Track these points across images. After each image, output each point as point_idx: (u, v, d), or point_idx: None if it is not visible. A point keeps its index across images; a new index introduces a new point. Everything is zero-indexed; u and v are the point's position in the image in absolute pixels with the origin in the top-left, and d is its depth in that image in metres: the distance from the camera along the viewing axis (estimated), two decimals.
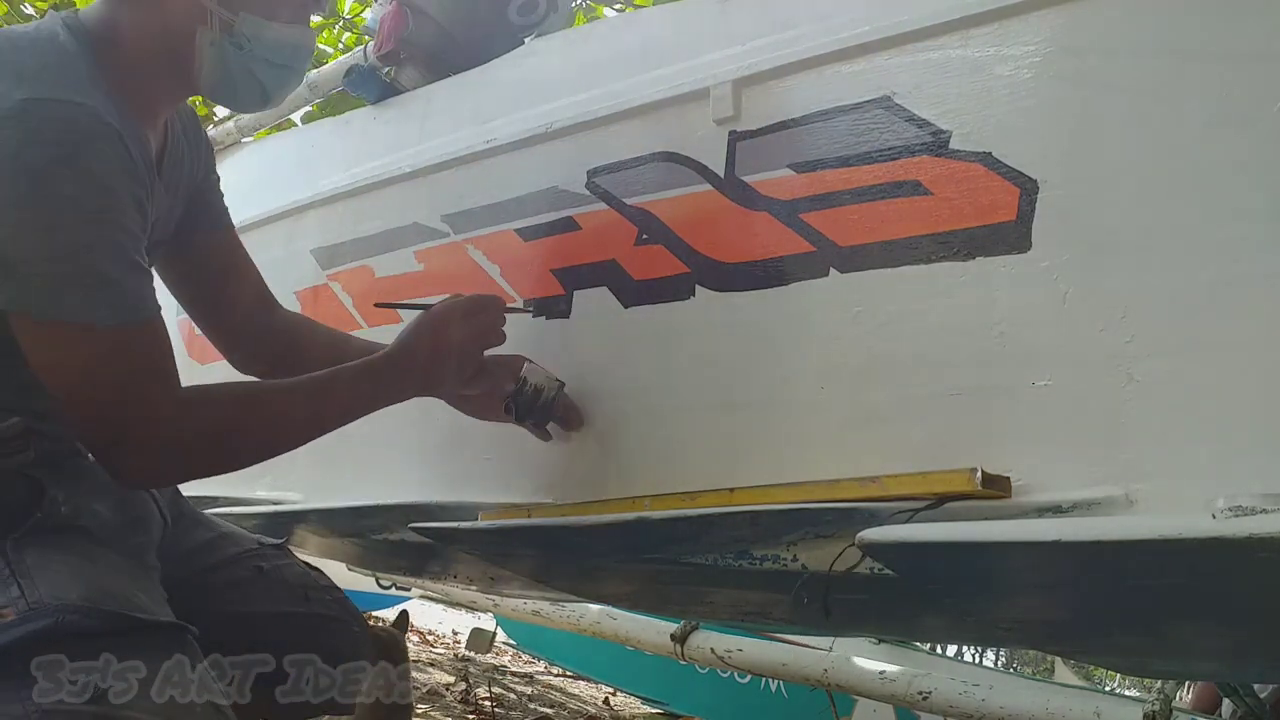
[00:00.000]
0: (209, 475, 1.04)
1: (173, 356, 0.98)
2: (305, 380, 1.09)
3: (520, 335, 1.35)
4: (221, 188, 1.28)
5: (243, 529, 1.33)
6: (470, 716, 3.14)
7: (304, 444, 1.08)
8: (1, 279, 0.89)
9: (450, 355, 1.15)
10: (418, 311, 1.19)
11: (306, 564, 1.31)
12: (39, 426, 0.98)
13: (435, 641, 5.38)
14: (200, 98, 1.16)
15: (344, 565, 2.38)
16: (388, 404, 1.15)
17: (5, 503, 0.94)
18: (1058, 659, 4.39)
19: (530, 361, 1.24)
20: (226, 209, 1.28)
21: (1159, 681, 1.73)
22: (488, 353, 1.21)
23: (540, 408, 1.23)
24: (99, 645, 0.83)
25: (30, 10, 3.60)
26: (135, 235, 0.95)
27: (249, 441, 1.04)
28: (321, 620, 1.22)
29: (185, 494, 1.29)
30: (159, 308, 0.97)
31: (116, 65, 0.99)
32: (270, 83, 1.09)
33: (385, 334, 1.49)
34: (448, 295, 1.22)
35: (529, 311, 1.30)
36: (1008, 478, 0.92)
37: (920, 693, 1.83)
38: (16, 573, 0.88)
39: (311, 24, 1.13)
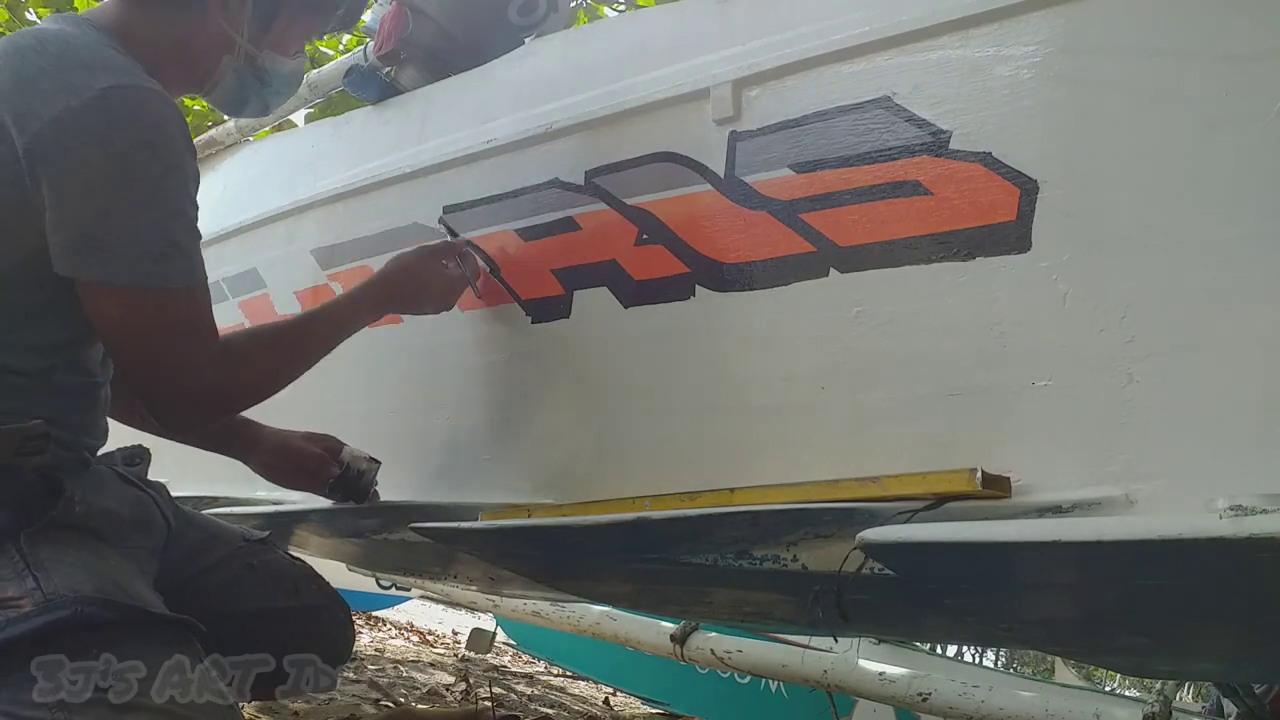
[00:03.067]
0: (254, 404, 1.19)
1: (213, 315, 1.11)
2: (306, 314, 1.29)
3: (521, 336, 1.35)
4: None
5: (228, 524, 1.37)
6: None
7: (316, 362, 1.24)
8: (86, 255, 0.97)
9: (410, 303, 1.34)
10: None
11: (291, 555, 1.38)
12: (57, 432, 1.02)
13: (435, 641, 5.38)
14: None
15: (344, 565, 2.38)
16: (376, 317, 1.32)
17: (22, 499, 0.97)
18: (1058, 659, 4.39)
19: (348, 446, 1.40)
20: None
21: (1159, 682, 1.73)
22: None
23: (362, 489, 1.40)
24: (114, 638, 0.86)
25: (33, 16, 3.60)
26: (196, 205, 1.07)
27: (278, 374, 1.18)
28: (311, 610, 1.30)
29: (184, 492, 1.30)
30: (206, 279, 1.10)
31: (139, 53, 1.07)
32: (273, 104, 1.26)
33: (385, 334, 1.49)
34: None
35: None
36: (1008, 478, 0.92)
37: (920, 694, 1.83)
38: (32, 565, 0.91)
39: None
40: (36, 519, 0.96)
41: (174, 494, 1.27)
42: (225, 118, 2.23)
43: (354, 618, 1.43)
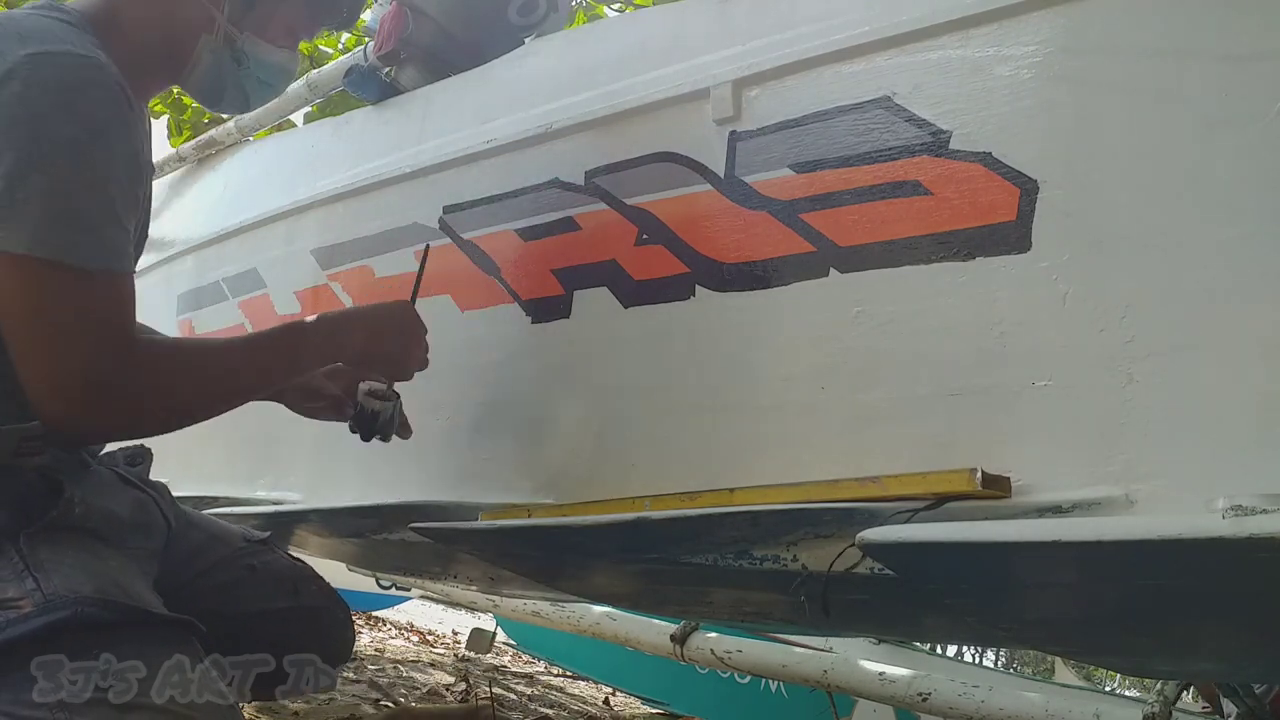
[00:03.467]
0: (156, 430, 1.02)
1: (133, 316, 0.98)
2: (255, 333, 1.16)
3: (521, 336, 1.35)
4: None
5: (228, 524, 1.36)
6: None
7: (254, 394, 1.11)
8: None
9: (407, 345, 1.21)
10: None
11: (291, 556, 1.36)
12: (55, 435, 0.99)
13: (435, 641, 5.38)
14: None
15: (344, 565, 2.38)
16: (330, 359, 1.21)
17: (22, 499, 0.96)
18: (1058, 659, 4.39)
19: (368, 384, 1.29)
20: None
21: (1159, 682, 1.73)
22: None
23: (381, 426, 1.28)
24: (114, 638, 0.85)
25: None
26: (124, 185, 0.96)
27: (202, 391, 1.04)
28: (311, 610, 1.28)
29: (185, 492, 1.30)
30: (130, 270, 0.98)
31: (116, 49, 1.01)
32: (253, 96, 1.18)
33: None
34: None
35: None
36: (1008, 478, 0.92)
37: (920, 694, 1.83)
38: (31, 566, 0.90)
39: (302, 47, 1.20)
40: (36, 520, 0.94)
41: (175, 494, 1.27)
42: (225, 118, 2.23)
43: (354, 618, 1.43)
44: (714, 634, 2.21)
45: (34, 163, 0.88)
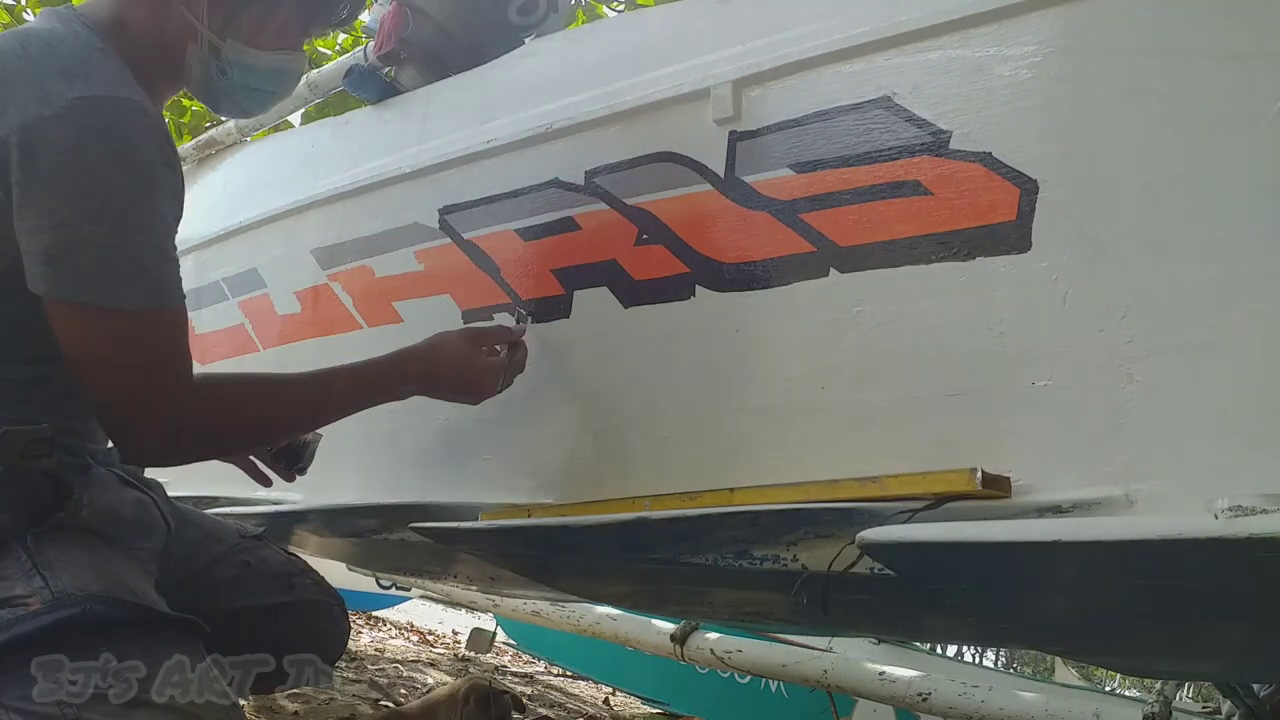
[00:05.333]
0: (210, 458, 1.11)
1: (188, 346, 1.04)
2: (315, 373, 1.17)
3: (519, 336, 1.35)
4: None
5: (222, 520, 1.37)
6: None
7: (311, 429, 1.19)
8: (47, 269, 0.93)
9: (471, 378, 1.23)
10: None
11: (285, 550, 1.38)
12: (62, 438, 1.01)
13: (435, 641, 5.38)
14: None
15: (344, 565, 2.38)
16: (393, 398, 1.22)
17: (29, 501, 0.97)
18: (1058, 659, 4.39)
19: None
20: None
21: (1159, 682, 1.73)
22: None
23: (308, 458, 1.36)
24: (118, 637, 0.86)
25: (30, 18, 3.60)
26: (170, 225, 1.01)
27: (250, 430, 1.13)
28: (307, 605, 1.30)
29: (185, 492, 1.31)
30: (183, 297, 1.03)
31: (129, 59, 1.02)
32: (249, 104, 1.17)
33: (384, 334, 1.49)
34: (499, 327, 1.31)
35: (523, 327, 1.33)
36: (1008, 478, 0.92)
37: (920, 694, 1.83)
38: (39, 565, 0.91)
39: (305, 46, 1.17)
40: (43, 521, 0.96)
41: (175, 494, 1.27)
42: (224, 118, 2.23)
43: (354, 618, 1.44)
44: (714, 634, 2.21)
45: (88, 213, 0.92)
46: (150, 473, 1.25)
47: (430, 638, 5.52)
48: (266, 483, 1.39)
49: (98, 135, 0.93)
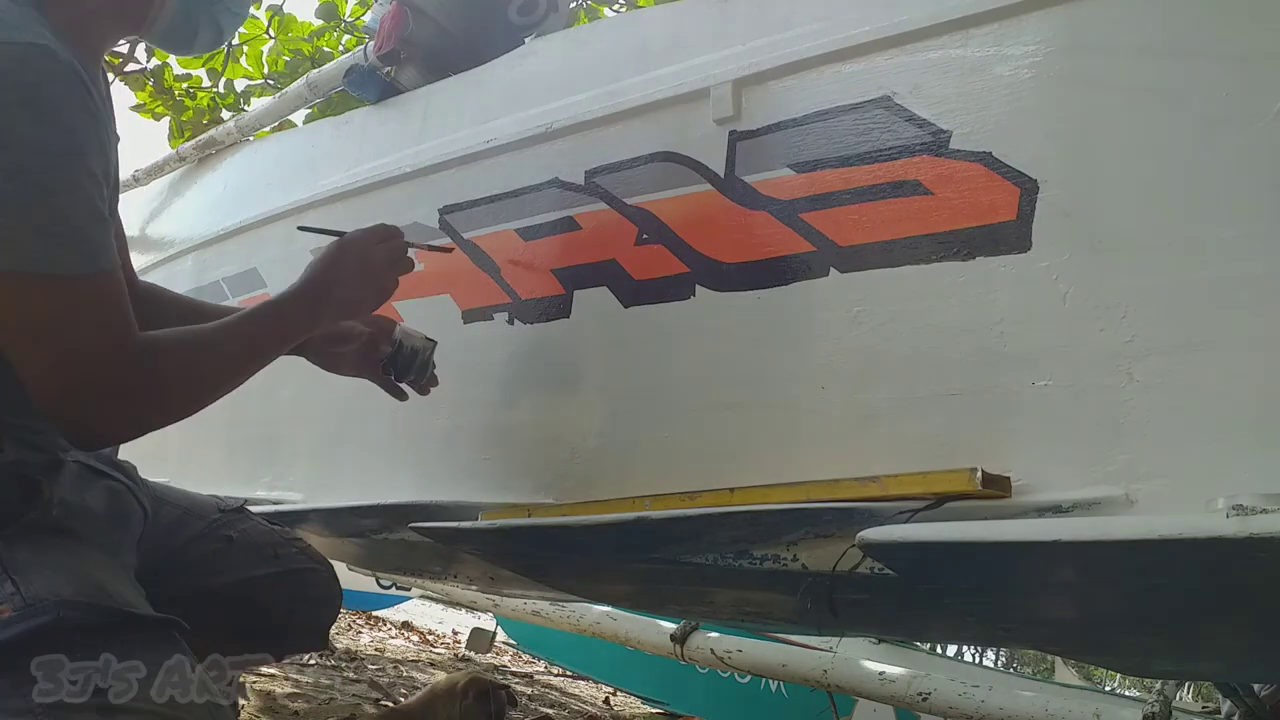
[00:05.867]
0: (167, 422, 1.00)
1: (127, 310, 0.94)
2: (240, 316, 1.08)
3: (521, 336, 1.35)
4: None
5: (200, 495, 1.33)
6: None
7: (249, 376, 1.07)
8: None
9: (373, 277, 1.15)
10: (331, 237, 1.19)
11: (268, 521, 1.34)
12: (30, 434, 0.98)
13: (435, 641, 5.38)
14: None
15: (344, 565, 2.38)
16: (316, 326, 1.16)
17: None
18: (1058, 659, 4.39)
19: (402, 324, 1.30)
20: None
21: (1159, 682, 1.73)
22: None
23: (419, 367, 1.28)
24: (97, 641, 0.84)
25: None
26: (98, 180, 0.92)
27: (204, 382, 1.02)
28: (294, 574, 1.27)
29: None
30: (117, 265, 0.94)
31: (61, 12, 0.96)
32: (227, 27, 1.14)
33: None
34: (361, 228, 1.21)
35: (448, 251, 1.33)
36: (1008, 478, 0.92)
37: (920, 693, 1.83)
38: (9, 569, 0.88)
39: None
40: (12, 523, 0.93)
41: None
42: (225, 117, 2.23)
43: (355, 618, 1.43)
44: (714, 634, 2.21)
45: (5, 172, 0.84)
46: (154, 473, 1.25)
47: (430, 638, 5.52)
48: (402, 396, 1.32)
49: (3, 85, 0.84)
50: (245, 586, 1.21)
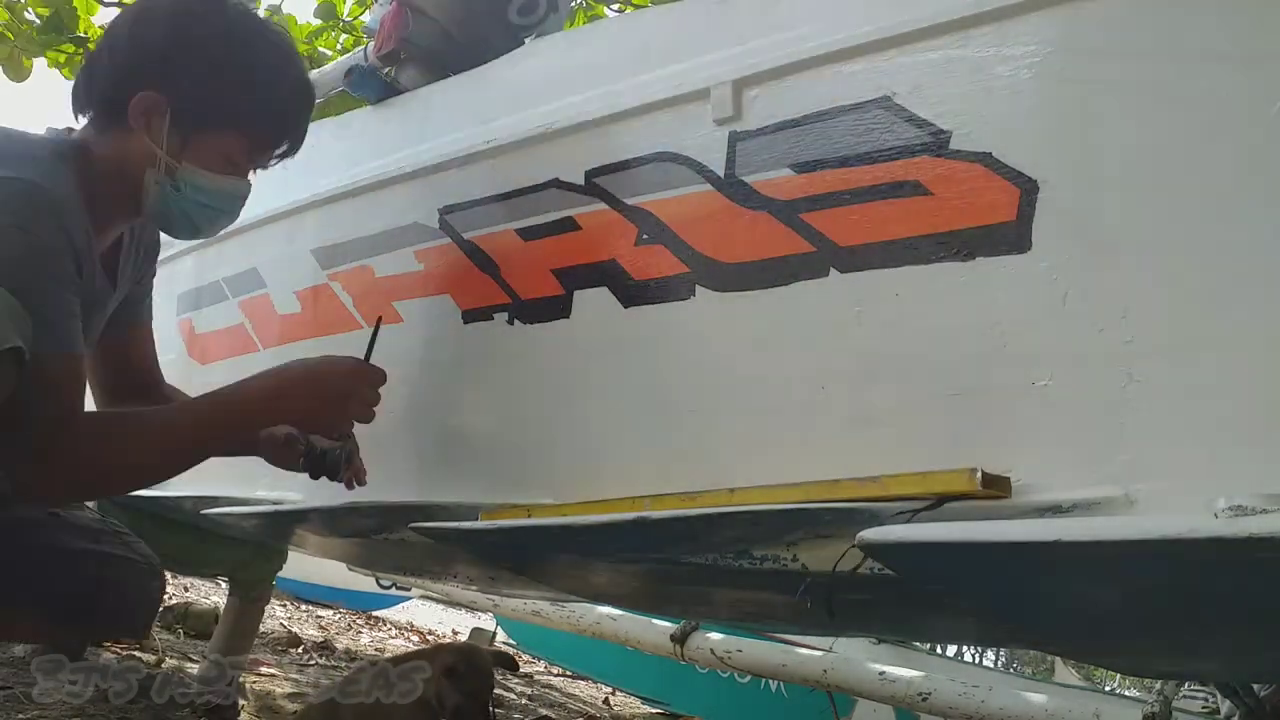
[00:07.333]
0: (108, 493, 1.22)
1: (83, 394, 1.13)
2: (189, 403, 1.24)
3: (521, 336, 1.35)
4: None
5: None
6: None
7: (192, 461, 1.21)
8: None
9: (333, 404, 1.27)
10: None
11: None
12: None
13: (435, 642, 5.38)
14: None
15: (344, 565, 2.38)
16: (259, 427, 1.32)
17: None
18: (1058, 659, 4.39)
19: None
20: (150, 311, 1.52)
21: (1159, 681, 1.73)
22: None
23: (330, 467, 1.36)
24: None
25: (32, 15, 3.59)
26: (72, 288, 1.10)
27: (139, 464, 1.17)
28: (109, 556, 1.30)
29: (184, 493, 1.30)
30: (83, 353, 1.12)
31: (87, 177, 1.17)
32: (201, 222, 1.27)
33: (385, 334, 1.49)
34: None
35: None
36: (1008, 478, 0.92)
37: (920, 693, 1.83)
38: None
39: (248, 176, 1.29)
40: None
41: (174, 495, 1.27)
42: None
43: (355, 618, 1.43)
44: (714, 634, 2.21)
45: None
46: None
47: (430, 638, 5.52)
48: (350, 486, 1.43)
49: (4, 209, 1.02)
50: (58, 555, 1.24)
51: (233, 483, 1.74)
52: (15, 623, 1.16)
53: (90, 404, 1.36)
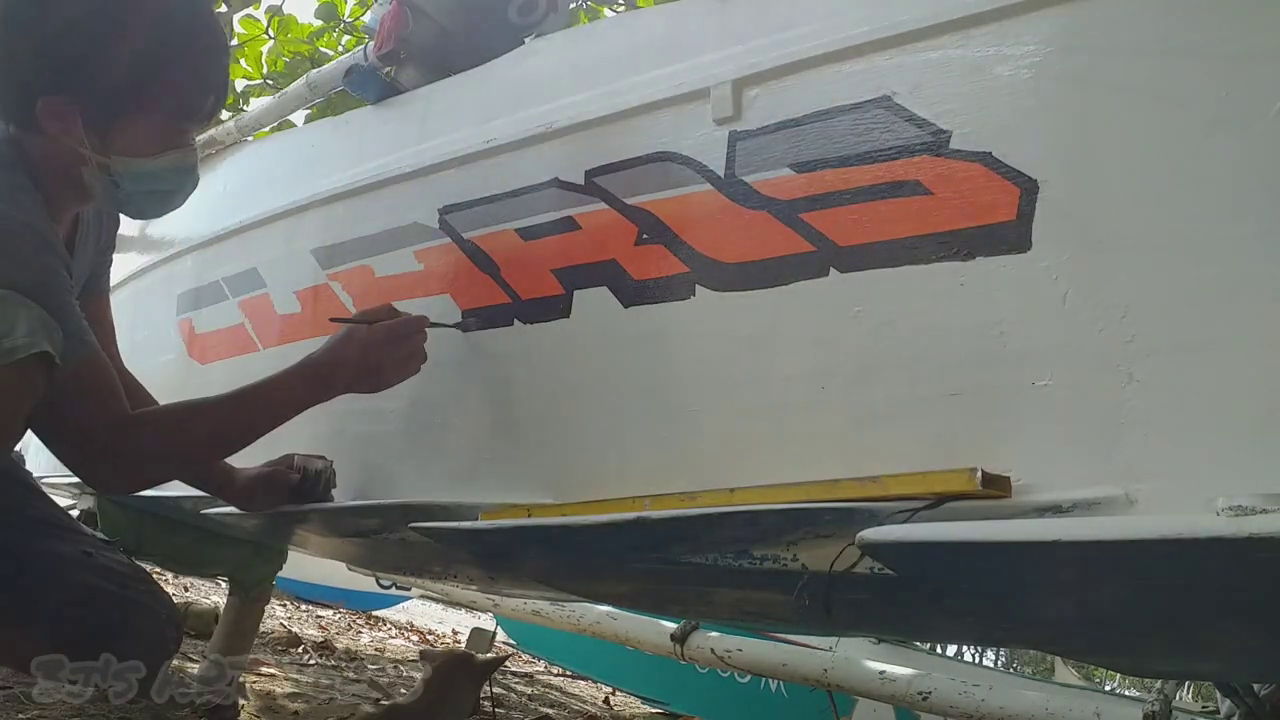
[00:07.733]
0: (156, 484, 1.25)
1: (119, 384, 1.17)
2: (237, 392, 1.27)
3: (520, 336, 1.35)
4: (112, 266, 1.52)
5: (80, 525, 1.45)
6: (470, 716, 3.13)
7: (242, 447, 1.28)
8: None
9: (374, 372, 1.32)
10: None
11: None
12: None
13: (435, 642, 5.38)
14: None
15: (344, 565, 2.38)
16: (315, 402, 1.32)
17: None
18: (1058, 659, 4.39)
19: (299, 453, 1.49)
20: (109, 283, 1.52)
21: (1159, 681, 1.73)
22: None
23: (324, 487, 1.48)
24: None
25: None
26: (72, 289, 1.13)
27: (193, 453, 1.26)
28: (132, 602, 1.29)
29: (187, 493, 1.34)
30: (97, 347, 1.14)
31: (34, 175, 1.15)
32: (156, 203, 1.25)
33: None
34: (386, 306, 1.37)
35: (459, 328, 1.38)
36: (1008, 478, 0.92)
37: (920, 693, 1.83)
38: None
39: (193, 138, 1.24)
40: None
41: (175, 495, 1.28)
42: (224, 117, 2.23)
43: (355, 618, 1.44)
44: (714, 633, 2.21)
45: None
46: None
47: (430, 638, 5.52)
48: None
49: None
50: (79, 594, 1.23)
51: None
52: (25, 654, 1.17)
53: None
